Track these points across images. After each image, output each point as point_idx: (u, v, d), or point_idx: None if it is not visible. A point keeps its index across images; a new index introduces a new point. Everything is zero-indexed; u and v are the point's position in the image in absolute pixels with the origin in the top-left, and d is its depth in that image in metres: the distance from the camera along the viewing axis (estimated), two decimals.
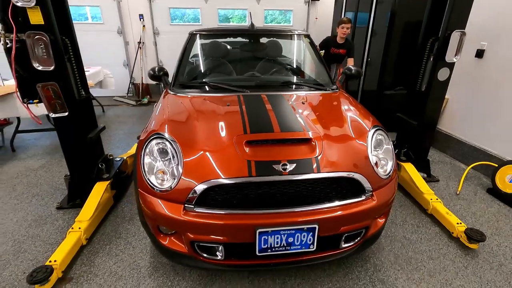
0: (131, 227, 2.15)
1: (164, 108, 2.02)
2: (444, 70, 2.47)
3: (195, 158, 1.51)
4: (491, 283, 1.71)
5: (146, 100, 5.65)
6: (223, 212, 1.43)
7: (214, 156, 1.51)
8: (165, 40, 5.87)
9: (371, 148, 1.67)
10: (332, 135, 1.66)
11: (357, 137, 1.70)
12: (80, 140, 2.24)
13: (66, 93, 2.05)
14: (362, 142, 1.68)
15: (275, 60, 2.71)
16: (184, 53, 2.47)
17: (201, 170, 1.47)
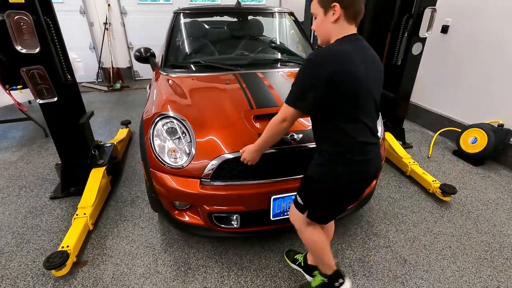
0: (134, 210, 2.17)
1: (161, 90, 2.01)
2: (418, 45, 2.70)
3: (207, 134, 1.57)
4: (463, 227, 2.03)
5: (119, 85, 5.39)
6: (239, 183, 1.53)
7: (225, 132, 1.58)
8: (134, 20, 5.56)
9: None
10: None
11: None
12: (71, 127, 2.17)
13: (52, 77, 1.95)
14: None
15: (262, 38, 2.76)
16: (171, 33, 2.42)
17: (214, 146, 1.53)
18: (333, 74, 0.99)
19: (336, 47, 1.06)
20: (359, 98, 1.07)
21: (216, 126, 1.61)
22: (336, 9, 1.03)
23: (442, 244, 1.87)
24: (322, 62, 1.02)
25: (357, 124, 1.10)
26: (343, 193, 1.22)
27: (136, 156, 2.94)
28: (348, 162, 1.13)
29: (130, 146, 3.17)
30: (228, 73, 2.14)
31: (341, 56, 1.02)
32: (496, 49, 2.77)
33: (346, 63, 1.02)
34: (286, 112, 1.13)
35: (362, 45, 1.10)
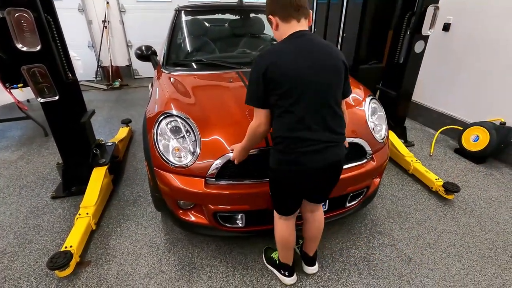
0: (137, 209, 2.16)
1: (163, 88, 2.00)
2: (420, 43, 2.69)
3: (211, 133, 1.56)
4: (466, 225, 2.03)
5: (118, 84, 5.36)
6: (244, 182, 1.52)
7: (230, 130, 1.57)
8: (133, 18, 5.52)
9: (368, 115, 1.84)
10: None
11: (356, 105, 1.86)
12: (73, 126, 2.14)
13: (54, 76, 1.93)
14: (361, 110, 1.84)
15: (264, 36, 2.74)
16: (173, 30, 2.40)
17: (219, 145, 1.52)
18: (265, 69, 1.08)
19: (275, 45, 1.17)
20: (293, 92, 1.09)
21: (221, 125, 1.60)
22: (272, 19, 1.16)
23: (446, 242, 1.87)
24: (261, 60, 1.11)
25: (292, 118, 1.12)
26: (283, 182, 1.26)
27: (138, 155, 2.92)
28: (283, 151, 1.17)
29: (131, 145, 3.15)
30: (231, 71, 2.12)
31: (275, 52, 1.11)
32: (498, 48, 2.77)
33: (279, 57, 1.09)
34: (255, 113, 1.21)
35: (305, 39, 1.12)
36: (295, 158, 1.16)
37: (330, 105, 1.15)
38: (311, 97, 1.11)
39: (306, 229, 1.52)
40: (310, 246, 1.58)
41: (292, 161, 1.17)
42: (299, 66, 1.09)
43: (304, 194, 1.37)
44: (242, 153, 1.39)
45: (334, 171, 1.26)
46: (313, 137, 1.14)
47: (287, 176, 1.23)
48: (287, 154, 1.17)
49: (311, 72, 1.10)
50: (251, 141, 1.30)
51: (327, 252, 1.79)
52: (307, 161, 1.16)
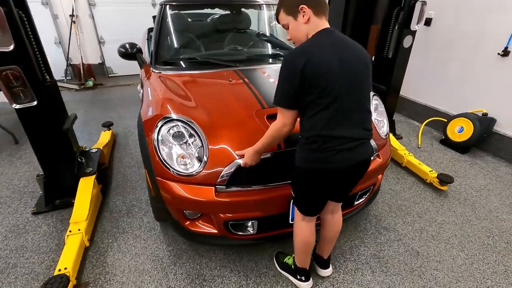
0: (132, 220, 2.01)
1: (156, 89, 1.86)
2: (408, 38, 2.74)
3: (219, 137, 1.46)
4: (463, 215, 2.11)
5: (91, 83, 5.00)
6: (257, 188, 1.45)
7: (238, 133, 1.49)
8: (104, 12, 5.15)
9: (372, 111, 1.83)
10: None
11: None
12: (54, 133, 1.94)
13: (30, 78, 1.72)
14: None
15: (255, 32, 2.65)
16: (160, 27, 2.23)
17: (228, 150, 1.43)
18: (302, 68, 1.02)
19: (308, 42, 1.09)
20: (331, 90, 1.05)
21: (228, 128, 1.51)
22: (305, 10, 1.08)
23: (447, 233, 1.93)
24: (296, 58, 1.04)
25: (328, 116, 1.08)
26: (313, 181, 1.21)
27: (124, 161, 2.73)
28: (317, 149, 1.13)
29: (115, 150, 2.94)
30: (227, 70, 2.02)
31: (311, 49, 1.05)
32: (478, 41, 2.89)
33: (316, 55, 1.03)
34: (280, 115, 1.15)
35: (335, 36, 1.10)
36: (329, 157, 1.12)
37: (362, 102, 1.14)
38: (347, 94, 1.07)
39: (325, 230, 1.49)
40: (326, 248, 1.55)
41: (325, 159, 1.12)
42: (336, 64, 1.04)
43: (331, 193, 1.34)
44: (256, 157, 1.32)
45: (362, 169, 1.24)
46: (347, 134, 1.11)
47: (318, 175, 1.18)
48: (320, 152, 1.12)
49: (347, 69, 1.06)
50: (270, 143, 1.24)
51: (338, 252, 1.78)
52: (340, 160, 1.13)
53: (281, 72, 1.09)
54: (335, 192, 1.34)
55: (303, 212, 1.34)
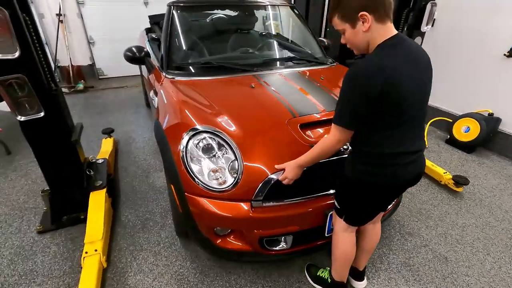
0: (149, 236, 1.89)
1: (172, 96, 1.75)
2: (418, 39, 2.73)
3: (253, 148, 1.38)
4: (482, 217, 2.12)
5: (82, 86, 4.76)
6: (295, 201, 1.38)
7: (273, 144, 1.41)
8: (93, 11, 4.89)
9: None
10: None
11: None
12: (62, 146, 1.79)
13: (36, 88, 1.58)
14: None
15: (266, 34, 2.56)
16: (169, 29, 2.11)
17: (264, 162, 1.35)
18: (381, 87, 0.91)
19: (378, 57, 0.95)
20: (406, 109, 0.99)
21: (261, 139, 1.43)
22: (366, 17, 0.94)
23: (471, 237, 1.93)
24: (370, 76, 0.92)
25: (399, 134, 1.03)
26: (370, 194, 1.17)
27: (130, 170, 2.59)
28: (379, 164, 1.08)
29: (118, 158, 2.79)
30: (245, 75, 1.93)
31: (386, 65, 0.93)
32: (482, 40, 2.93)
33: (393, 71, 0.92)
34: (338, 132, 1.06)
35: (407, 46, 0.99)
36: (392, 171, 1.07)
37: (425, 114, 1.10)
38: (417, 111, 1.02)
39: (364, 241, 1.46)
40: (363, 259, 1.51)
41: (388, 174, 1.08)
42: (413, 82, 0.97)
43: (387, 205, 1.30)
44: (298, 171, 1.25)
45: (418, 180, 1.19)
46: (412, 149, 1.07)
47: (378, 189, 1.13)
48: (383, 167, 1.07)
49: (421, 86, 1.00)
50: (318, 158, 1.18)
51: (368, 261, 1.73)
52: (404, 173, 1.09)
53: (348, 90, 0.97)
54: (389, 203, 1.30)
55: (351, 223, 1.29)
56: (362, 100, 0.95)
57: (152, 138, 3.14)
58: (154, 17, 3.76)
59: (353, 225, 1.31)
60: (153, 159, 2.76)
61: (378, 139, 1.04)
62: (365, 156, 1.09)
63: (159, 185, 2.40)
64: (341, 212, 1.28)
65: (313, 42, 2.51)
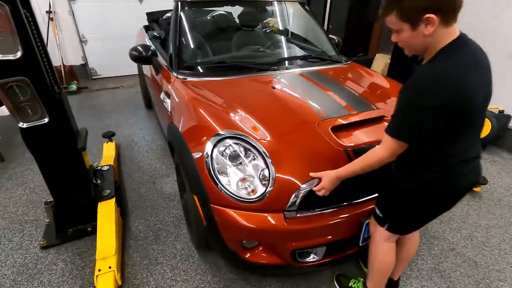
0: (163, 248, 1.77)
1: (188, 99, 1.63)
2: None
3: (284, 154, 1.28)
4: (503, 216, 2.08)
5: (75, 87, 4.54)
6: (329, 210, 1.29)
7: (305, 149, 1.32)
8: (85, 8, 4.66)
9: None
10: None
11: None
12: (67, 154, 1.65)
13: (40, 91, 1.44)
14: None
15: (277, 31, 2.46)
16: (179, 26, 1.98)
17: (297, 168, 1.26)
18: (452, 100, 0.83)
19: (445, 66, 0.85)
20: (474, 121, 0.93)
21: (292, 143, 1.33)
22: (432, 19, 0.82)
23: (496, 239, 1.89)
24: (430, 90, 0.83)
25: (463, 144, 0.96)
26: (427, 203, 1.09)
27: (135, 176, 2.45)
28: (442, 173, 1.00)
29: (122, 164, 2.64)
30: (263, 74, 1.83)
31: (457, 75, 0.83)
32: (495, 37, 2.90)
33: (464, 82, 0.83)
34: (392, 146, 0.96)
35: (470, 49, 0.90)
36: (453, 179, 1.01)
37: (484, 118, 1.02)
38: (480, 116, 0.95)
39: (404, 249, 1.39)
40: (399, 269, 1.44)
41: (448, 182, 1.01)
42: (482, 93, 0.88)
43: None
44: (337, 182, 1.16)
45: (474, 186, 1.12)
46: (472, 155, 1.00)
47: (436, 198, 1.06)
48: (444, 174, 0.99)
49: (486, 92, 0.91)
50: (363, 171, 1.08)
51: None
52: (463, 180, 1.02)
53: (412, 101, 0.87)
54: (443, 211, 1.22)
55: (396, 232, 1.21)
56: (428, 113, 0.86)
57: (155, 141, 3.00)
58: (152, 14, 3.61)
59: (400, 234, 1.23)
60: (159, 164, 2.62)
61: (439, 146, 0.96)
62: (423, 163, 1.01)
63: (168, 191, 2.27)
64: (385, 220, 1.20)
65: (325, 39, 2.43)
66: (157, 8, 3.68)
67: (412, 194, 1.07)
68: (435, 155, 0.98)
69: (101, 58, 4.99)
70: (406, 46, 0.95)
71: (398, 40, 0.95)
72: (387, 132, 0.96)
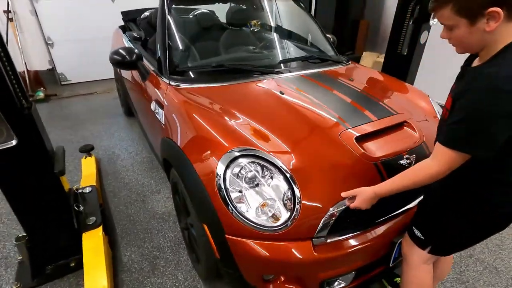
0: (162, 280, 1.55)
1: (186, 110, 1.42)
2: (425, 33, 2.63)
3: (309, 172, 1.12)
4: None
5: (42, 94, 4.11)
6: (361, 232, 1.14)
7: (330, 164, 1.16)
8: (50, 8, 4.21)
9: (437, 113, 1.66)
10: (411, 111, 1.51)
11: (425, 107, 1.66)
12: (42, 180, 1.38)
13: (4, 108, 1.17)
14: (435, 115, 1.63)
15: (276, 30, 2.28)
16: (167, 25, 1.74)
17: (326, 187, 1.11)
18: None
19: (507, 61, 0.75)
20: None
21: (316, 158, 1.17)
22: (497, 14, 0.72)
23: (510, 241, 1.85)
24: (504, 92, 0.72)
25: None
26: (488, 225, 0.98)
27: (121, 195, 2.19)
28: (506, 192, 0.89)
29: (104, 181, 2.36)
30: (265, 78, 1.65)
31: None
32: None
33: None
34: (450, 159, 0.82)
35: None
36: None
37: None
38: None
39: (439, 269, 1.29)
40: None
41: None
42: None
43: None
44: (374, 201, 1.01)
45: None
46: None
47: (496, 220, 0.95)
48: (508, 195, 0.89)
49: None
50: (409, 188, 0.94)
51: None
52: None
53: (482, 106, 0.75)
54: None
55: (439, 254, 1.11)
56: (504, 119, 0.74)
57: (140, 153, 2.73)
58: (128, 14, 3.32)
59: (442, 255, 1.14)
60: (147, 179, 2.37)
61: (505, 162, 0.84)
62: (484, 182, 0.89)
63: (160, 210, 2.03)
64: (427, 243, 1.07)
65: (323, 38, 2.29)
66: (130, 7, 3.39)
67: (467, 216, 0.95)
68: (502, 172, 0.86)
69: (71, 62, 4.57)
70: (459, 44, 0.85)
71: (450, 37, 0.84)
72: (444, 143, 0.83)
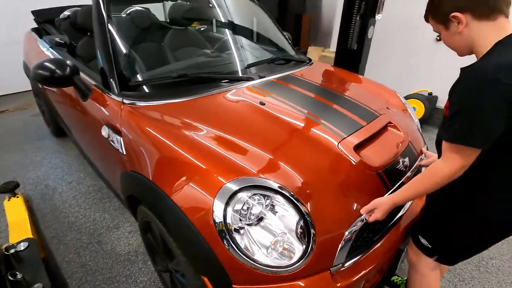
0: None
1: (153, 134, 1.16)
2: (371, 28, 2.73)
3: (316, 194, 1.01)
4: None
5: None
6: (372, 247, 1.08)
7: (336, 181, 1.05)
8: None
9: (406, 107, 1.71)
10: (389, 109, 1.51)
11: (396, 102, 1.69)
12: None
13: None
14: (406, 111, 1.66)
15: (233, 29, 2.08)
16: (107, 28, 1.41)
17: (338, 208, 1.00)
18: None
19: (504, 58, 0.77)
20: None
21: (320, 176, 1.05)
22: (459, 18, 0.80)
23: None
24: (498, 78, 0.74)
25: None
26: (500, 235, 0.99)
27: (68, 240, 1.78)
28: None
29: (41, 225, 1.89)
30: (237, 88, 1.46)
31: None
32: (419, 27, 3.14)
33: None
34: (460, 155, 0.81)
35: None
36: None
37: None
38: None
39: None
40: None
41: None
42: None
43: None
44: (392, 208, 0.97)
45: None
46: None
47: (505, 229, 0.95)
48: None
49: None
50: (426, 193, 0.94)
51: None
52: None
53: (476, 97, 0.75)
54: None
55: (446, 262, 1.12)
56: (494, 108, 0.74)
57: (82, 181, 2.29)
58: (42, 13, 2.74)
59: (449, 264, 1.14)
60: (98, 212, 1.98)
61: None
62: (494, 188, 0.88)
63: (124, 250, 1.71)
64: (434, 252, 1.08)
65: (281, 37, 2.18)
66: (45, 6, 2.80)
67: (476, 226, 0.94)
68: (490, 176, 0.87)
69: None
70: (450, 47, 0.91)
71: (443, 42, 0.92)
72: (447, 140, 0.82)
